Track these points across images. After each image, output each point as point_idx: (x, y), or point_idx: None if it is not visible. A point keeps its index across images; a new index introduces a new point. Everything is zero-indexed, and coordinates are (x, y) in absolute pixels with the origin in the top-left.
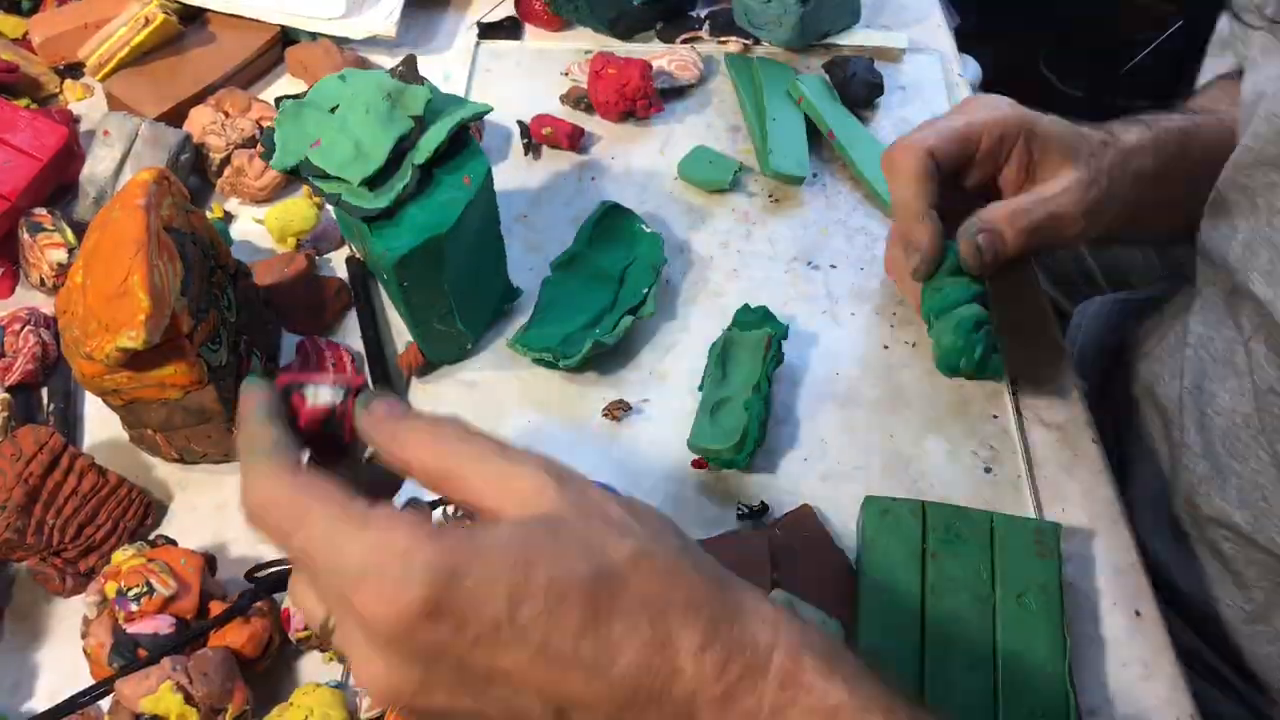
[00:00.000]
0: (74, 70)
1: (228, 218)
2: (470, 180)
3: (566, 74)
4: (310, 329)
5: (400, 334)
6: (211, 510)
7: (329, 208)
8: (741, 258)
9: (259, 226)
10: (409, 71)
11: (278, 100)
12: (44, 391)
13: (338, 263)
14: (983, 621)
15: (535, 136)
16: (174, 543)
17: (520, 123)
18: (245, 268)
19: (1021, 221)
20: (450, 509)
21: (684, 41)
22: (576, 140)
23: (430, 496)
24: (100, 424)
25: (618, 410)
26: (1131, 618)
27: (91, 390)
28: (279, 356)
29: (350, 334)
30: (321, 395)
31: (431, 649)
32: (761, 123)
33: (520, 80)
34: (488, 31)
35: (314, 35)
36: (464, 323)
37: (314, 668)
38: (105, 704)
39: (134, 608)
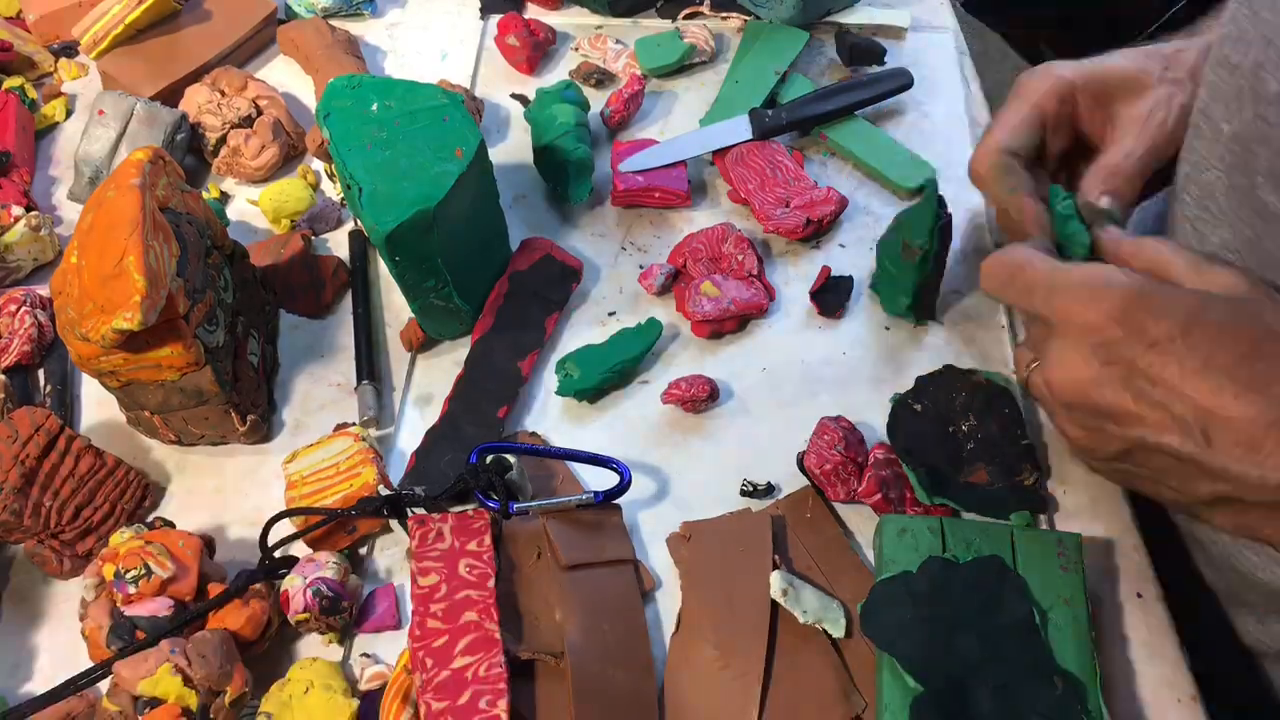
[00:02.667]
0: (69, 49)
1: (224, 198)
2: (462, 153)
3: (576, 49)
4: (309, 310)
5: (405, 308)
6: (210, 493)
7: (324, 188)
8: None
9: (256, 207)
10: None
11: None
12: (40, 373)
13: (335, 243)
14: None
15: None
16: (172, 525)
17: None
18: (242, 248)
19: (1128, 171)
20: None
21: (685, 18)
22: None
23: None
24: (97, 406)
25: None
26: (1133, 599)
27: (88, 372)
28: (277, 339)
29: (350, 316)
30: None
31: (1113, 346)
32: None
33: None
34: (490, 6)
35: (310, 13)
36: (462, 298)
37: (313, 650)
38: (104, 686)
39: (132, 590)
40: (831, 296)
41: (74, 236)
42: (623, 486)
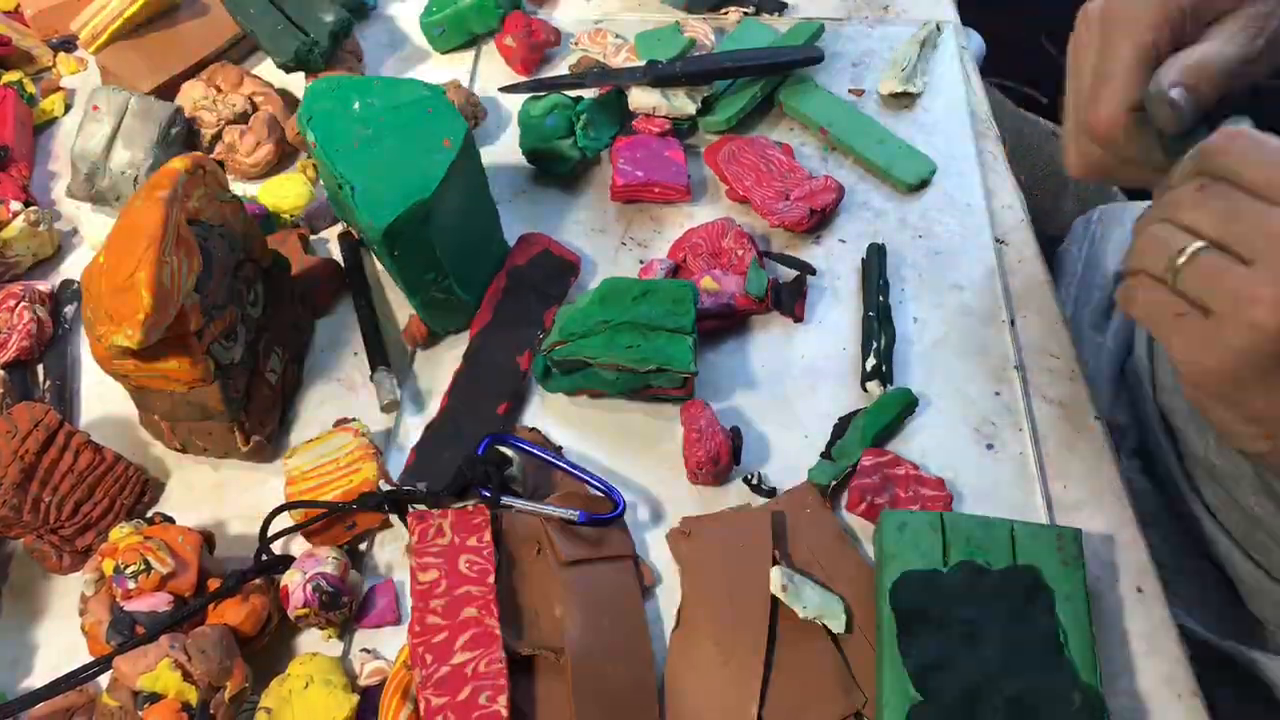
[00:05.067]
0: (67, 44)
1: None
2: (450, 142)
3: (576, 44)
4: (308, 308)
5: (403, 308)
6: (209, 488)
7: (322, 184)
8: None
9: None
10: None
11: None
12: (40, 368)
13: (334, 240)
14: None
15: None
16: (172, 520)
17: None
18: (285, 261)
19: (1213, 71)
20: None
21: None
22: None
23: None
24: (97, 401)
25: None
26: (1133, 594)
27: (105, 370)
28: (305, 356)
29: (349, 313)
30: None
31: None
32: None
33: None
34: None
35: None
36: (463, 290)
37: (312, 645)
38: (103, 681)
39: (131, 585)
40: (785, 297)
41: (109, 233)
42: (614, 516)
